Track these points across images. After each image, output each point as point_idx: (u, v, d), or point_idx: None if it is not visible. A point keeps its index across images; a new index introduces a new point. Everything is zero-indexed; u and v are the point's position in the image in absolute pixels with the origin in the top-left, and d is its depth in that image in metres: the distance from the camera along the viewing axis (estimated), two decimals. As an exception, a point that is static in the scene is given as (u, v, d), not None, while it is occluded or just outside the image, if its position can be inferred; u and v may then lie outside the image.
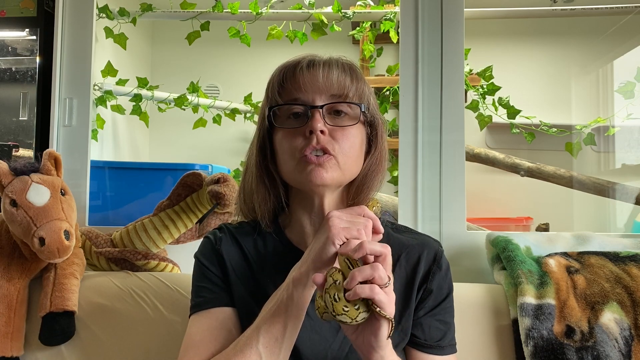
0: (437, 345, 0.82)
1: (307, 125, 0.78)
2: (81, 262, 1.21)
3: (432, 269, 0.83)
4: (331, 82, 0.79)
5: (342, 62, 0.83)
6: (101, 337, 1.12)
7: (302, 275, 0.71)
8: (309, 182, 0.77)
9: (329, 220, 0.71)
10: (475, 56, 1.76)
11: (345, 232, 0.69)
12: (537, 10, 1.96)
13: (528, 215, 2.27)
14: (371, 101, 0.84)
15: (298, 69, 0.81)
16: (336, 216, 0.71)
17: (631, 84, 1.73)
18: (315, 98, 0.79)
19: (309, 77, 0.80)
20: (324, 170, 0.77)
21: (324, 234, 0.70)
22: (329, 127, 0.79)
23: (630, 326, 1.03)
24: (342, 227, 0.70)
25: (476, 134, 2.15)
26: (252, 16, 1.90)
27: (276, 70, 0.84)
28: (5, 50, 1.69)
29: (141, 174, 1.75)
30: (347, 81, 0.80)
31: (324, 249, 0.69)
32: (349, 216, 0.72)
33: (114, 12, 1.88)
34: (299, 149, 0.78)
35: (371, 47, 2.08)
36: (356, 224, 0.71)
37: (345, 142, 0.79)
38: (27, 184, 1.13)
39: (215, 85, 2.55)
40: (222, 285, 0.83)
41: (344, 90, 0.80)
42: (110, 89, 1.91)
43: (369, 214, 0.74)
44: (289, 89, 0.81)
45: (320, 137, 0.77)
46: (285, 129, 0.81)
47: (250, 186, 0.86)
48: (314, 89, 0.79)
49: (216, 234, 0.88)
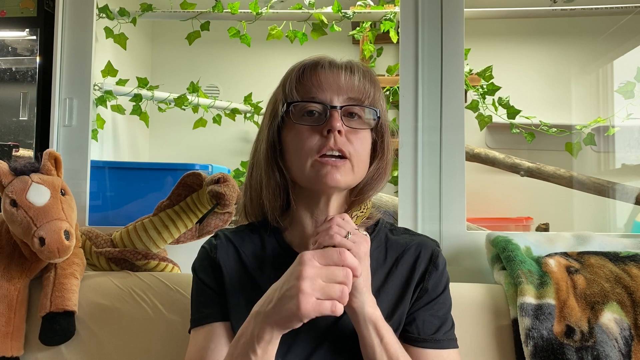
0: (432, 338, 0.81)
1: (325, 124, 0.78)
2: (81, 262, 1.21)
3: (429, 269, 0.84)
4: (353, 84, 0.80)
5: (363, 67, 0.84)
6: (101, 337, 1.12)
7: (265, 335, 0.66)
8: (323, 184, 0.78)
9: (300, 281, 0.63)
10: (475, 56, 1.77)
11: (321, 294, 0.63)
12: (537, 10, 1.96)
13: (528, 215, 2.28)
14: (383, 109, 0.85)
15: (319, 67, 0.81)
16: (309, 273, 0.63)
17: (631, 84, 1.72)
18: (334, 98, 0.80)
19: (331, 76, 0.80)
20: (338, 173, 0.77)
21: (291, 296, 0.63)
22: (346, 128, 0.79)
23: (630, 326, 1.03)
24: (316, 293, 0.63)
25: (476, 134, 2.15)
26: (252, 16, 1.90)
27: (295, 66, 0.84)
28: (5, 50, 1.69)
29: (141, 174, 1.75)
30: (367, 85, 0.81)
31: (291, 321, 0.64)
32: (324, 269, 0.65)
33: (114, 12, 1.88)
34: (315, 148, 0.78)
35: (371, 47, 2.08)
36: (335, 277, 0.64)
37: (359, 145, 0.80)
38: (27, 184, 1.13)
39: (215, 85, 2.55)
40: (217, 299, 0.84)
41: (362, 94, 0.81)
42: (110, 89, 1.91)
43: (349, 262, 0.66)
44: (307, 86, 0.80)
45: (338, 137, 0.78)
46: (301, 126, 0.80)
47: (258, 182, 0.85)
48: (333, 88, 0.80)
49: (211, 242, 0.88)
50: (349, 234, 0.71)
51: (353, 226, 0.74)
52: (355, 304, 0.72)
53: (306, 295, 0.62)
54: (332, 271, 0.65)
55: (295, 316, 0.63)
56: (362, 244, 0.72)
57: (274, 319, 0.65)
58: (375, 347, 0.73)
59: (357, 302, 0.72)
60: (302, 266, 0.64)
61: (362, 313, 0.73)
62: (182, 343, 0.92)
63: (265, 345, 0.66)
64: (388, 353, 0.73)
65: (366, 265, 0.74)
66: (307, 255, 0.65)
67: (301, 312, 0.62)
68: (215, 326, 0.82)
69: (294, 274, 0.64)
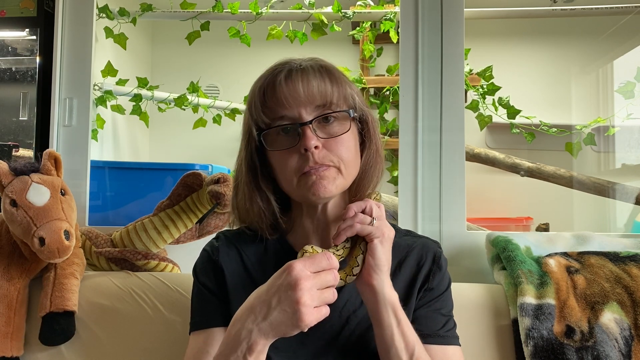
0: (437, 334, 0.81)
1: (299, 144, 0.77)
2: (81, 262, 1.21)
3: (433, 270, 0.84)
4: (312, 93, 0.77)
5: (318, 67, 0.80)
6: (101, 337, 1.12)
7: (257, 346, 0.65)
8: (315, 197, 0.77)
9: (297, 292, 0.62)
10: (475, 56, 1.76)
11: (318, 302, 0.63)
12: (537, 10, 1.96)
13: (528, 215, 2.28)
14: (357, 99, 0.83)
15: (277, 84, 0.78)
16: (305, 285, 0.63)
17: (631, 84, 1.72)
18: (301, 112, 0.77)
19: (289, 91, 0.77)
20: (327, 182, 0.77)
21: (293, 311, 0.62)
22: (323, 140, 0.78)
23: (630, 326, 1.03)
24: (314, 302, 0.63)
25: (476, 134, 2.15)
26: (252, 16, 1.90)
27: (255, 86, 0.82)
28: (5, 50, 1.69)
29: (141, 174, 1.75)
30: (328, 88, 0.78)
31: (291, 332, 0.64)
32: (317, 278, 0.64)
33: (114, 12, 1.88)
34: (297, 168, 0.78)
35: (371, 47, 2.08)
36: (327, 283, 0.65)
37: (342, 150, 0.79)
38: (27, 184, 1.13)
39: (215, 85, 2.55)
40: (218, 303, 0.83)
41: (327, 98, 0.78)
42: (110, 89, 1.91)
43: (335, 265, 0.67)
44: (272, 107, 0.79)
45: (316, 153, 0.77)
46: (280, 151, 0.79)
47: (244, 204, 0.84)
48: (297, 102, 0.77)
49: (213, 244, 0.88)
50: (373, 220, 0.72)
51: (382, 213, 0.75)
52: (375, 281, 0.72)
53: (307, 307, 0.62)
54: (323, 278, 0.65)
55: (297, 327, 0.63)
56: (383, 228, 0.73)
57: (271, 331, 0.64)
58: (394, 329, 0.73)
59: (377, 280, 0.72)
60: (296, 278, 0.63)
61: (382, 293, 0.72)
62: (182, 343, 0.92)
63: (257, 355, 0.65)
64: (404, 336, 0.73)
65: (388, 247, 0.74)
66: (298, 266, 0.64)
67: (304, 324, 0.62)
68: (215, 331, 0.82)
69: (288, 285, 0.63)
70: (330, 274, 0.65)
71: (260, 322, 0.65)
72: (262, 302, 0.66)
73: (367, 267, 0.72)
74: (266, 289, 0.66)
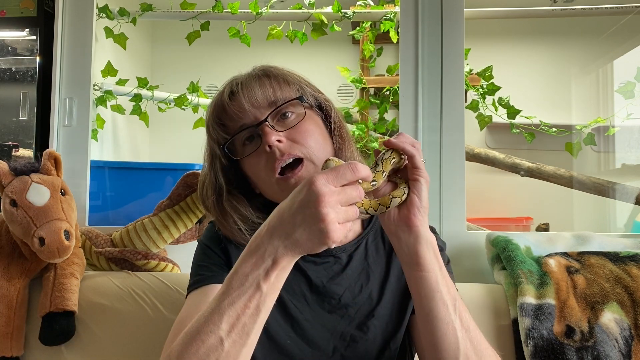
0: None
1: (262, 143, 0.80)
2: (81, 262, 1.21)
3: None
4: (257, 101, 0.82)
5: (258, 75, 0.86)
6: (101, 337, 1.12)
7: (282, 261, 0.61)
8: None
9: (322, 209, 0.58)
10: (475, 56, 1.76)
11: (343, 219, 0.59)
12: (537, 10, 1.96)
13: (528, 215, 2.28)
14: (306, 88, 0.86)
15: (225, 103, 0.84)
16: (330, 201, 0.58)
17: (631, 84, 1.72)
18: (256, 115, 0.82)
19: (237, 106, 0.83)
20: None
21: (319, 230, 0.58)
22: (284, 133, 0.81)
23: (630, 326, 1.03)
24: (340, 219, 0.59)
25: (476, 134, 2.15)
26: (252, 16, 1.90)
27: (208, 111, 0.89)
28: (5, 50, 1.69)
29: (141, 174, 1.75)
30: (269, 91, 0.83)
31: (318, 249, 0.60)
32: (342, 193, 0.60)
33: (114, 12, 1.88)
34: (269, 168, 0.80)
35: (371, 47, 2.08)
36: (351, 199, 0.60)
37: (307, 139, 0.81)
38: (27, 184, 1.13)
39: (215, 85, 2.55)
40: (222, 265, 0.83)
41: (272, 97, 0.83)
42: (110, 89, 1.90)
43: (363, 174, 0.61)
44: (227, 124, 0.85)
45: (280, 146, 0.79)
46: (248, 157, 0.83)
47: (220, 222, 0.86)
48: (250, 109, 0.82)
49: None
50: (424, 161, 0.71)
51: None
52: (419, 221, 0.69)
53: (333, 223, 0.58)
54: (348, 194, 0.60)
55: (324, 245, 0.59)
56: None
57: (297, 248, 0.60)
58: (437, 272, 0.70)
59: (421, 221, 0.69)
60: (317, 194, 0.58)
61: (425, 234, 0.70)
62: (182, 343, 0.92)
63: (280, 272, 0.61)
64: (446, 280, 0.71)
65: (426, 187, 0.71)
66: (321, 180, 0.58)
67: (332, 240, 0.58)
68: (216, 287, 0.77)
69: (310, 202, 0.58)
70: (354, 189, 0.60)
71: (284, 239, 0.60)
72: (285, 221, 0.61)
73: (411, 205, 0.68)
74: (287, 206, 0.61)
